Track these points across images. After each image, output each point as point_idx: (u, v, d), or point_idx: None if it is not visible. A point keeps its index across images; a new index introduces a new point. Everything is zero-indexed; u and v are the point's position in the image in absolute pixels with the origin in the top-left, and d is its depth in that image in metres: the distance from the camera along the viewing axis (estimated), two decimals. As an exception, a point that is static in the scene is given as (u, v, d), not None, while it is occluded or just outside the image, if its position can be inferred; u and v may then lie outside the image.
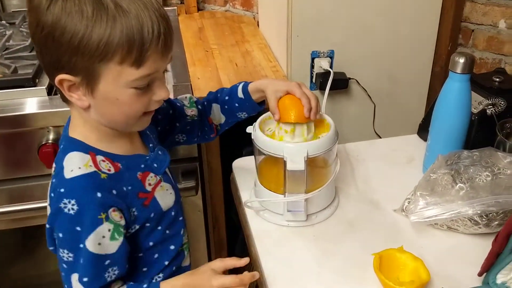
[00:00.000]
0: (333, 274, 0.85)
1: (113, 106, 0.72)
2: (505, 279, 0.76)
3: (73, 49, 0.66)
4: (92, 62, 0.67)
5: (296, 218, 0.94)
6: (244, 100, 0.95)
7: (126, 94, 0.71)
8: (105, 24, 0.65)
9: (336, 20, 1.36)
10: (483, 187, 0.89)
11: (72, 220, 0.71)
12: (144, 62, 0.68)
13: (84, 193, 0.71)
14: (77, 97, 0.71)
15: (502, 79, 1.08)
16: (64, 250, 0.72)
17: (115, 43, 0.65)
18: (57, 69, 0.69)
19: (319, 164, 0.95)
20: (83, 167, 0.73)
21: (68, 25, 0.65)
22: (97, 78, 0.68)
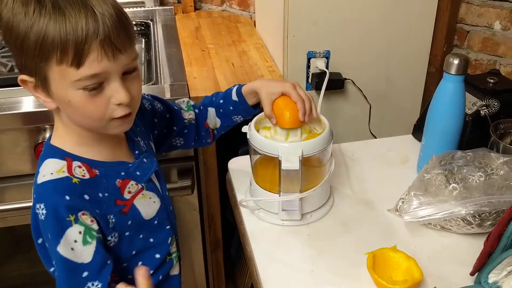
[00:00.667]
0: (327, 273, 0.85)
1: (71, 108, 0.71)
2: (497, 279, 0.77)
3: (19, 49, 0.67)
4: (36, 62, 0.67)
5: (291, 217, 0.94)
6: (238, 103, 0.95)
7: (76, 96, 0.69)
8: (41, 23, 0.65)
9: (332, 21, 1.36)
10: (476, 187, 0.89)
11: (44, 225, 0.71)
12: (84, 61, 0.66)
13: (52, 196, 0.71)
14: (42, 98, 0.72)
15: (497, 80, 1.09)
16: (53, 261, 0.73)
17: (49, 42, 0.65)
18: (19, 70, 0.71)
19: (313, 163, 0.95)
20: (55, 173, 0.72)
21: (15, 26, 0.66)
22: (47, 79, 0.69)
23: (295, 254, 0.90)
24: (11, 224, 1.34)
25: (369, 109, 1.51)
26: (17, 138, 1.20)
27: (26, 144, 1.20)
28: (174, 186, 1.30)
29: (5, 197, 1.27)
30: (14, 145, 1.20)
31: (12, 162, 1.23)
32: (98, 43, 0.66)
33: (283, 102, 0.89)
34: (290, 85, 0.90)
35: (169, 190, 1.29)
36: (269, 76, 1.39)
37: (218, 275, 1.57)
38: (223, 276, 1.59)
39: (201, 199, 1.41)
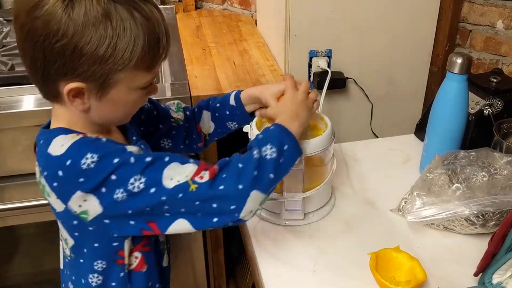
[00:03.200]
0: (329, 273, 0.85)
1: (118, 107, 0.74)
2: (501, 279, 0.76)
3: (96, 59, 0.66)
4: (113, 70, 0.68)
5: (293, 217, 0.94)
6: (235, 108, 0.93)
7: (135, 95, 0.73)
8: (129, 33, 0.66)
9: (334, 20, 1.36)
10: (479, 187, 0.89)
11: (102, 164, 0.68)
12: (156, 65, 0.72)
13: (91, 141, 0.70)
14: (80, 101, 0.71)
15: (499, 79, 1.09)
16: (130, 180, 0.68)
17: (139, 50, 0.68)
18: (67, 77, 0.68)
19: (315, 163, 0.95)
20: (72, 139, 0.70)
21: (94, 36, 0.65)
22: (113, 84, 0.69)
23: (296, 254, 0.89)
24: (11, 223, 1.33)
25: (371, 109, 1.50)
26: (17, 137, 1.19)
27: (26, 143, 1.19)
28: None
29: (5, 197, 1.27)
30: (14, 144, 1.20)
31: (12, 161, 1.22)
32: (166, 50, 0.73)
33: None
34: (290, 83, 0.88)
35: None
36: (271, 75, 1.39)
37: (219, 274, 1.57)
38: (224, 276, 1.58)
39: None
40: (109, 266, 0.79)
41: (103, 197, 0.69)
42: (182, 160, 0.72)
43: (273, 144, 0.73)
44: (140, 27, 0.67)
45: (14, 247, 1.49)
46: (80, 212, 0.71)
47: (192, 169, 0.70)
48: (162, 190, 0.68)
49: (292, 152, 0.76)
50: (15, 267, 1.51)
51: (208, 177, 0.69)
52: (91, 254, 0.78)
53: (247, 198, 0.70)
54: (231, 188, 0.69)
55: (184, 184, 0.69)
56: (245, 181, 0.70)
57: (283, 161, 0.74)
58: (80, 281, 0.81)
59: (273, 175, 0.72)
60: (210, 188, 0.69)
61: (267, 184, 0.72)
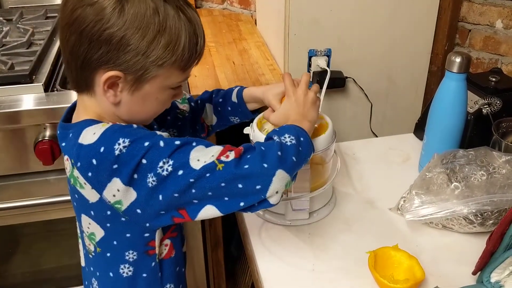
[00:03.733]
0: (328, 272, 0.85)
1: (149, 104, 0.75)
2: (499, 278, 0.76)
3: (140, 50, 0.68)
4: (153, 65, 0.69)
5: (299, 217, 0.94)
6: (237, 105, 0.95)
7: (166, 94, 0.75)
8: (173, 31, 0.69)
9: (333, 19, 1.36)
10: (478, 186, 0.89)
11: (134, 148, 0.68)
12: (190, 66, 0.75)
13: (123, 128, 0.71)
14: (113, 93, 0.72)
15: (498, 79, 1.09)
16: (159, 164, 0.68)
17: (180, 49, 0.70)
18: (110, 66, 0.69)
19: (317, 162, 0.95)
20: (102, 127, 0.71)
21: (142, 28, 0.67)
22: (149, 79, 0.71)
23: (296, 253, 0.89)
24: (11, 222, 1.34)
25: (370, 108, 1.50)
26: (17, 136, 1.20)
27: (26, 142, 1.19)
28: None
29: (4, 196, 1.27)
30: (14, 143, 1.20)
31: (11, 160, 1.22)
32: (202, 53, 0.75)
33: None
34: (288, 83, 0.89)
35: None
36: (270, 75, 1.39)
37: (218, 273, 1.57)
38: (223, 275, 1.58)
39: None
40: (140, 257, 0.79)
41: (136, 184, 0.70)
42: (208, 144, 0.73)
43: (291, 133, 0.75)
44: (183, 27, 0.70)
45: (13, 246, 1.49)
46: (115, 202, 0.71)
47: (217, 150, 0.71)
48: (190, 172, 0.69)
49: (308, 144, 0.78)
50: (15, 266, 1.51)
51: (234, 155, 0.70)
52: (122, 245, 0.79)
53: (273, 177, 0.70)
54: (256, 166, 0.69)
55: (211, 164, 0.69)
56: (270, 160, 0.70)
57: (302, 150, 0.75)
58: (107, 275, 0.81)
59: (296, 158, 0.73)
60: (236, 167, 0.69)
61: (291, 165, 0.72)
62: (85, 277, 0.88)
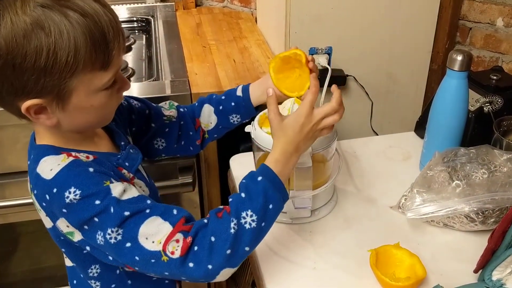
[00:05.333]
0: (330, 270, 0.85)
1: (87, 113, 0.70)
2: (501, 276, 0.76)
3: (40, 71, 0.61)
4: (63, 79, 0.63)
5: (301, 215, 0.94)
6: (242, 99, 0.92)
7: (99, 98, 0.69)
8: (66, 36, 0.61)
9: (334, 17, 1.36)
10: (479, 184, 0.89)
11: (84, 203, 0.66)
12: (111, 61, 0.66)
13: (76, 175, 0.67)
14: (45, 117, 0.67)
15: (500, 77, 1.09)
16: (108, 230, 0.66)
17: (83, 52, 0.62)
18: (21, 96, 0.64)
19: (318, 159, 0.94)
20: (61, 162, 0.68)
21: (28, 48, 0.60)
22: (69, 93, 0.65)
23: (297, 251, 0.89)
24: (12, 220, 1.34)
25: (371, 106, 1.50)
26: (17, 134, 1.19)
27: (26, 140, 1.17)
28: (175, 183, 1.30)
29: (5, 194, 1.27)
30: (14, 141, 1.20)
31: (12, 158, 1.22)
32: (120, 39, 0.66)
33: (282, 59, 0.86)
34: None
35: (170, 187, 1.30)
36: (271, 73, 1.39)
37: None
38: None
39: (202, 196, 1.41)
40: (103, 268, 0.79)
41: (85, 232, 0.69)
42: (164, 211, 0.69)
43: (254, 210, 0.70)
44: (78, 26, 0.61)
45: (14, 244, 1.49)
46: (67, 232, 0.71)
47: (166, 232, 0.67)
48: (137, 248, 0.67)
49: (276, 208, 0.73)
50: (15, 264, 1.51)
51: (180, 253, 0.67)
52: (83, 262, 0.78)
53: (216, 276, 0.68)
54: (201, 268, 0.67)
55: (157, 253, 0.67)
56: (216, 260, 0.67)
57: (265, 225, 0.71)
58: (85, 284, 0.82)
59: (249, 247, 0.70)
60: (180, 267, 0.67)
61: (240, 259, 0.70)
62: (72, 277, 0.86)
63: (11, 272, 1.52)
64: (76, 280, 0.86)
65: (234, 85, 1.30)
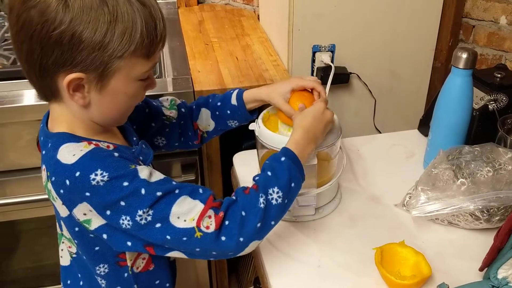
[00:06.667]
0: (334, 268, 0.85)
1: (118, 100, 0.72)
2: (506, 274, 0.76)
3: (95, 45, 0.64)
4: (112, 57, 0.66)
5: (305, 213, 0.94)
6: (237, 107, 0.93)
7: (134, 86, 0.72)
8: (126, 18, 0.65)
9: (337, 14, 1.35)
10: (484, 182, 0.89)
11: (112, 185, 0.67)
12: (154, 53, 0.70)
13: (103, 158, 0.68)
14: (80, 95, 0.69)
15: (504, 75, 1.08)
16: (138, 212, 0.67)
17: (138, 35, 0.66)
18: (66, 68, 0.66)
19: (323, 157, 0.94)
20: (84, 148, 0.69)
21: (91, 21, 0.63)
22: (112, 73, 0.68)
23: (301, 249, 0.89)
24: (13, 218, 1.33)
25: (374, 104, 1.50)
26: (19, 132, 1.19)
27: (28, 137, 1.19)
28: (178, 180, 1.29)
29: (6, 191, 1.26)
30: (16, 139, 1.20)
31: (14, 155, 1.22)
32: (164, 35, 0.71)
33: (297, 97, 0.89)
34: (297, 79, 0.90)
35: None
36: (274, 70, 1.38)
37: (221, 269, 1.57)
38: (226, 270, 1.58)
39: (205, 194, 1.40)
40: (111, 269, 0.79)
41: (107, 217, 0.69)
42: (192, 191, 0.71)
43: (280, 187, 0.74)
44: (137, 12, 0.66)
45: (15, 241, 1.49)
46: (84, 221, 0.71)
47: (199, 210, 0.70)
48: (169, 228, 0.69)
49: (297, 187, 0.78)
50: (16, 262, 1.51)
51: (214, 227, 0.69)
52: (93, 259, 0.78)
53: (246, 248, 0.72)
54: (233, 241, 0.70)
55: (190, 230, 0.69)
56: (247, 233, 0.71)
57: (287, 202, 0.76)
58: (90, 277, 0.81)
59: (275, 221, 0.74)
60: (214, 241, 0.70)
61: (266, 232, 0.74)
62: (67, 276, 0.86)
63: (12, 270, 1.52)
64: (71, 280, 0.85)
65: (236, 82, 1.30)
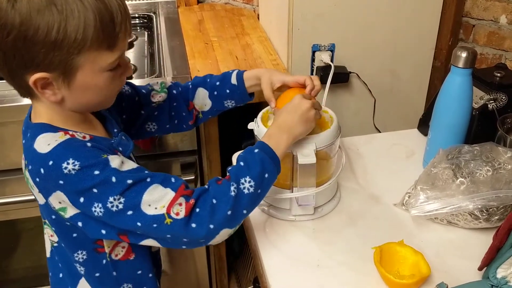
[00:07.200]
0: (333, 267, 0.85)
1: (91, 92, 0.72)
2: (505, 274, 0.76)
3: (49, 45, 0.65)
4: (70, 54, 0.66)
5: (304, 212, 0.94)
6: (237, 87, 0.94)
7: (103, 78, 0.71)
8: (77, 14, 0.64)
9: (337, 14, 1.35)
10: (483, 181, 0.89)
11: (83, 174, 0.68)
12: (117, 43, 0.70)
13: (75, 148, 0.69)
14: (50, 92, 0.70)
15: (503, 74, 1.08)
16: (109, 199, 0.68)
17: (91, 30, 0.65)
18: (29, 70, 0.67)
19: (322, 157, 0.94)
20: (59, 138, 0.70)
21: (41, 22, 0.63)
22: (75, 69, 0.68)
23: (301, 248, 0.89)
24: (13, 217, 1.33)
25: (373, 103, 1.50)
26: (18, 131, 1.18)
27: (28, 136, 1.19)
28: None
29: (6, 190, 1.26)
30: (15, 138, 1.19)
31: (13, 155, 1.22)
32: (127, 23, 0.70)
33: (291, 92, 0.89)
34: (296, 76, 0.92)
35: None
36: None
37: (220, 268, 1.57)
38: (225, 270, 1.58)
39: (204, 193, 1.40)
40: (89, 255, 0.80)
41: (79, 205, 0.70)
42: (164, 179, 0.72)
43: (252, 177, 0.74)
44: (89, 7, 0.65)
45: (15, 241, 1.49)
46: (59, 209, 0.72)
47: (169, 197, 0.70)
48: (139, 215, 0.69)
49: (272, 177, 0.78)
50: (16, 261, 1.51)
51: (184, 213, 0.70)
52: (71, 245, 0.79)
53: (216, 235, 0.73)
54: (203, 228, 0.71)
55: (160, 216, 0.70)
56: (218, 220, 0.72)
57: (261, 192, 0.76)
58: (69, 267, 0.82)
59: (247, 210, 0.75)
60: (184, 227, 0.70)
61: (238, 220, 0.75)
62: (50, 268, 0.87)
63: (12, 269, 1.52)
64: (52, 272, 0.86)
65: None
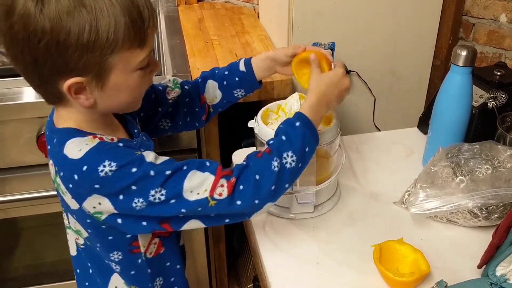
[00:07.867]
0: (333, 265, 0.85)
1: (122, 93, 0.72)
2: (505, 271, 0.76)
3: (82, 48, 0.64)
4: (103, 56, 0.66)
5: (304, 210, 0.94)
6: (246, 74, 0.94)
7: (134, 77, 0.72)
8: (106, 13, 0.64)
9: (337, 12, 1.35)
10: (483, 180, 0.89)
11: (121, 173, 0.68)
12: (146, 40, 0.70)
13: (109, 149, 0.70)
14: (84, 97, 0.70)
15: (503, 72, 1.08)
16: (151, 192, 0.69)
17: (122, 28, 0.65)
18: (63, 75, 0.67)
19: (322, 155, 0.94)
20: (90, 142, 0.70)
21: (72, 25, 0.63)
22: (109, 71, 0.68)
23: (300, 246, 0.89)
24: (13, 215, 1.33)
25: (373, 102, 1.50)
26: (19, 129, 1.19)
27: (28, 135, 1.19)
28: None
29: (6, 189, 1.26)
30: (16, 136, 1.20)
31: (14, 153, 1.22)
32: (154, 20, 0.70)
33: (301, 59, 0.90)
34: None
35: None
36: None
37: (220, 267, 1.57)
38: (225, 268, 1.58)
39: (204, 192, 1.40)
40: (125, 256, 0.80)
41: (119, 202, 0.70)
42: (199, 165, 0.72)
43: (295, 151, 0.75)
44: (117, 4, 0.65)
45: (15, 239, 1.49)
46: (94, 212, 0.72)
47: (210, 182, 0.71)
48: (183, 202, 0.70)
49: (312, 151, 0.78)
50: (17, 260, 1.51)
51: (227, 193, 0.71)
52: (106, 247, 0.79)
53: (260, 209, 0.74)
54: (248, 204, 0.72)
55: (204, 200, 0.70)
56: (262, 195, 0.72)
57: (301, 165, 0.77)
58: (101, 263, 0.82)
59: (289, 184, 0.76)
60: (228, 206, 0.71)
61: (280, 194, 0.75)
62: (76, 265, 0.87)
63: (12, 267, 1.52)
64: (80, 269, 0.86)
65: (236, 80, 1.30)
